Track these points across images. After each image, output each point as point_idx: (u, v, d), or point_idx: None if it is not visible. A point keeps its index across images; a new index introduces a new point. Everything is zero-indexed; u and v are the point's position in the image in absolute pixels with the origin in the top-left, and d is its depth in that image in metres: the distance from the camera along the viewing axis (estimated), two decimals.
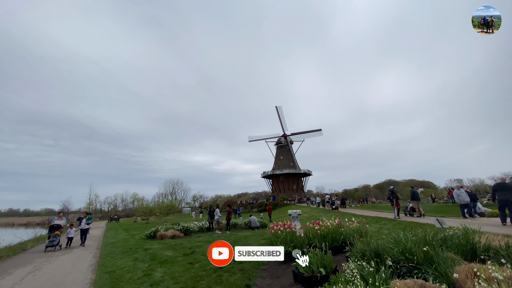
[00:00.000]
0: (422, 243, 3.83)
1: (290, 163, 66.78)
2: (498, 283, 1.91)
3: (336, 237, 6.34)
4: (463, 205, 11.54)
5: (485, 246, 3.71)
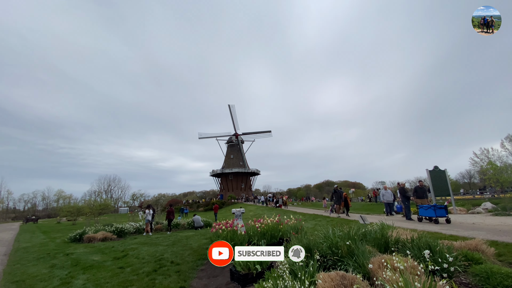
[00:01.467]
0: (346, 238, 4.23)
1: (240, 162, 67.33)
2: (400, 272, 2.20)
3: (275, 234, 6.59)
4: (387, 204, 13.28)
5: (396, 240, 4.30)
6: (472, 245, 4.28)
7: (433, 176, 12.64)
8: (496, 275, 2.94)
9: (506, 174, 22.34)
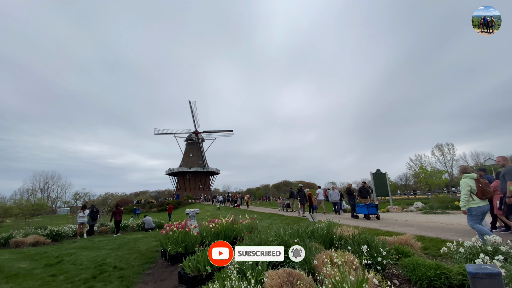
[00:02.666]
0: (296, 236, 4.38)
1: (199, 161, 65.62)
2: (338, 266, 2.33)
3: (229, 233, 6.53)
4: (334, 203, 14.23)
5: (339, 236, 4.59)
6: (403, 240, 4.80)
7: (376, 178, 13.97)
8: (421, 267, 3.32)
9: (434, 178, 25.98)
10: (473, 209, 4.83)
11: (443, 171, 34.23)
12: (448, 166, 40.92)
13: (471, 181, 4.88)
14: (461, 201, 5.01)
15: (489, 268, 1.60)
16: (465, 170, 5.12)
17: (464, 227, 7.63)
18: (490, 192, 4.77)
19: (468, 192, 4.85)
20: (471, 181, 4.88)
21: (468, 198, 4.87)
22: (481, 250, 3.45)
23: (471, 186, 4.83)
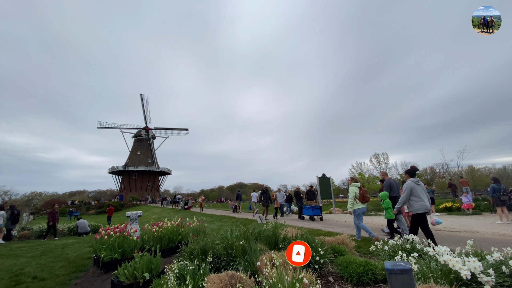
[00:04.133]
0: (242, 238, 4.38)
1: (148, 160, 61.41)
2: (276, 267, 2.39)
3: (174, 237, 6.21)
4: (281, 205, 14.68)
5: (284, 237, 4.74)
6: (340, 239, 5.20)
7: (321, 181, 14.98)
8: (352, 264, 3.62)
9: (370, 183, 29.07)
10: (357, 210, 6.25)
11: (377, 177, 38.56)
12: None
13: (356, 188, 6.35)
14: (348, 204, 6.40)
15: (402, 264, 1.81)
16: (353, 180, 6.60)
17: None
18: (368, 197, 6.28)
19: (353, 197, 6.26)
20: (356, 188, 6.35)
21: (353, 202, 6.27)
22: (401, 248, 3.93)
23: (356, 192, 6.26)
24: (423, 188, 5.18)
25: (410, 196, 5.06)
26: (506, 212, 9.00)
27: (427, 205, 4.96)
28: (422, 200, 4.98)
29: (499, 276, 2.42)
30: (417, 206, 4.97)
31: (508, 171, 47.90)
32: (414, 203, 5.02)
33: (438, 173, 41.31)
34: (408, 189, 5.07)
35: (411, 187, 5.07)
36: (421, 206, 4.94)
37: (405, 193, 5.10)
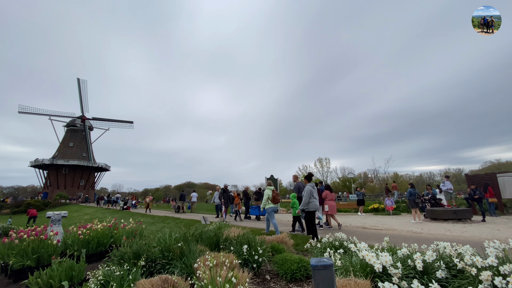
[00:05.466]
0: (182, 240, 4.20)
1: (82, 153, 54.55)
2: (210, 268, 2.34)
3: (104, 240, 5.60)
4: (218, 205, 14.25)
5: (226, 238, 4.72)
6: (280, 238, 5.41)
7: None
8: (287, 262, 3.79)
9: None
10: (268, 208, 7.58)
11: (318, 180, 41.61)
12: (324, 176, 50.23)
13: (270, 191, 7.74)
14: (262, 203, 7.78)
15: (325, 260, 1.95)
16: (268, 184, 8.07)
17: (332, 226, 9.44)
18: (279, 199, 7.81)
19: (267, 198, 7.63)
20: (270, 191, 7.74)
21: (267, 202, 7.62)
22: (332, 245, 4.29)
23: (269, 194, 7.65)
24: (316, 191, 6.55)
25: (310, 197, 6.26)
26: (418, 213, 10.66)
27: (318, 205, 6.48)
28: (316, 201, 6.35)
29: (405, 268, 2.82)
30: (312, 206, 6.24)
31: (423, 178, 57.11)
32: (310, 203, 6.26)
33: (369, 178, 46.81)
34: (309, 192, 6.26)
35: (310, 190, 6.30)
36: (314, 205, 6.29)
37: (306, 195, 6.26)
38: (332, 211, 9.08)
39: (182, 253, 3.91)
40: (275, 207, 7.70)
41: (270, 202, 7.61)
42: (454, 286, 2.60)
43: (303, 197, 6.30)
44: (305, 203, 6.24)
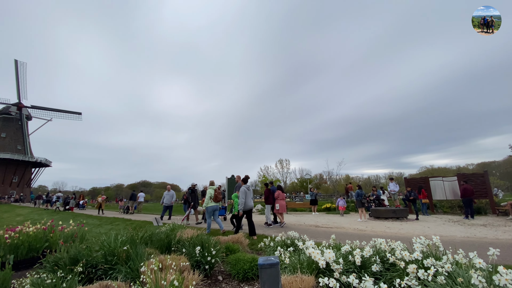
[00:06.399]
0: (128, 242, 3.93)
1: (17, 146, 47.70)
2: (155, 272, 2.24)
3: (37, 245, 4.95)
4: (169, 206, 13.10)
5: (178, 240, 4.55)
6: (235, 238, 5.42)
7: (229, 182, 15.41)
8: (240, 262, 3.81)
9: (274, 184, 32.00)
10: (209, 207, 7.74)
11: (279, 180, 42.90)
12: (284, 177, 51.91)
13: (212, 190, 7.85)
14: (204, 202, 7.88)
15: (272, 259, 2.02)
16: (210, 183, 8.19)
17: (287, 224, 9.76)
18: (220, 198, 7.96)
19: (209, 197, 7.76)
20: (212, 190, 7.85)
21: (209, 201, 7.73)
22: (284, 244, 4.44)
23: (211, 193, 7.78)
24: (251, 192, 7.24)
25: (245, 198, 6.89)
26: (364, 212, 11.64)
27: (252, 205, 7.13)
28: (251, 201, 7.07)
29: (346, 264, 3.05)
30: (247, 205, 6.93)
31: (371, 180, 62.63)
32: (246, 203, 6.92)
33: (324, 179, 49.73)
34: (244, 193, 6.92)
35: (245, 192, 6.95)
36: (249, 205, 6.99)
37: (241, 196, 6.88)
38: (282, 210, 9.64)
39: (128, 257, 3.66)
40: (215, 205, 7.86)
41: (212, 201, 7.76)
42: (387, 278, 2.90)
43: (239, 198, 6.95)
44: (241, 203, 6.82)
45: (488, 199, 12.28)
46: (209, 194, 7.78)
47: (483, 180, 12.47)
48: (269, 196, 9.78)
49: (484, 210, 12.19)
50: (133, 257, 3.51)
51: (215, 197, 7.77)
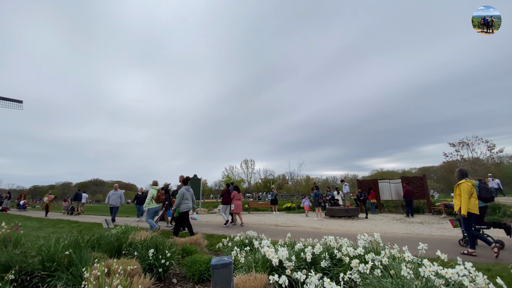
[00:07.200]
0: (73, 246, 3.60)
1: None
2: (98, 277, 2.10)
3: None
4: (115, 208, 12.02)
5: (130, 242, 4.31)
6: (193, 239, 5.31)
7: (191, 182, 15.03)
8: (196, 263, 3.75)
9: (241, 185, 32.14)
10: (150, 209, 7.41)
11: (242, 180, 43.16)
12: (249, 177, 52.38)
13: (155, 191, 7.58)
14: (144, 204, 7.52)
15: (225, 259, 2.04)
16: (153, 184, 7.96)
17: (244, 224, 9.85)
18: (163, 199, 7.65)
19: (151, 198, 7.46)
20: (155, 191, 7.58)
21: (150, 202, 7.45)
22: (242, 243, 4.50)
23: (153, 194, 7.46)
24: (192, 193, 7.02)
25: (182, 199, 6.69)
26: (321, 211, 12.33)
27: (191, 206, 6.84)
28: (189, 202, 6.82)
29: (298, 261, 3.21)
30: (184, 207, 6.68)
31: (329, 181, 66.44)
32: (183, 205, 6.70)
33: (286, 180, 51.41)
34: (181, 194, 6.69)
35: (183, 193, 6.74)
36: (187, 206, 6.74)
37: (179, 197, 6.67)
38: (237, 210, 9.82)
39: (71, 263, 3.35)
40: (157, 207, 7.59)
41: (154, 202, 7.48)
42: (334, 273, 3.13)
43: (177, 199, 6.76)
44: (177, 204, 6.67)
45: (426, 200, 13.94)
46: (151, 194, 7.47)
47: (422, 182, 14.10)
48: (224, 196, 9.85)
49: (422, 209, 13.79)
50: (76, 263, 3.23)
51: (157, 198, 7.48)
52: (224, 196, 9.82)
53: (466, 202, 4.90)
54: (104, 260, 3.72)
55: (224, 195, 9.84)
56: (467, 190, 4.95)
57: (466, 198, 4.91)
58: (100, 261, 2.87)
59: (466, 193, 4.93)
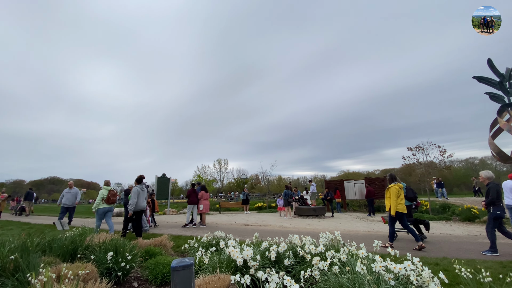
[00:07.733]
0: (20, 250, 3.28)
1: None
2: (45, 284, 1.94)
3: None
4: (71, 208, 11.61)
5: (87, 245, 4.03)
6: (158, 241, 5.13)
7: (160, 181, 14.49)
8: (160, 265, 3.62)
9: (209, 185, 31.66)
10: (100, 209, 7.22)
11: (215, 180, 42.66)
12: (222, 177, 51.86)
13: (106, 191, 7.30)
14: (94, 204, 7.28)
15: (186, 261, 2.00)
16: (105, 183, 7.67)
17: (214, 224, 9.74)
18: (114, 199, 7.42)
19: (101, 198, 7.25)
20: (106, 191, 7.30)
21: (100, 202, 7.23)
22: (209, 244, 4.44)
23: (103, 194, 7.27)
24: (145, 192, 7.07)
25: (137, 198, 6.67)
26: (290, 210, 12.63)
27: (144, 205, 6.92)
28: (142, 202, 6.86)
29: (263, 260, 3.26)
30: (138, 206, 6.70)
31: (299, 181, 68.34)
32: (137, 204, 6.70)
33: (259, 179, 51.83)
34: (136, 193, 6.68)
35: (138, 192, 6.74)
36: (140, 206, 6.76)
37: (133, 196, 6.64)
38: (205, 210, 9.79)
39: (17, 268, 3.05)
40: (107, 207, 7.34)
41: (104, 203, 7.25)
42: (297, 270, 3.22)
43: (131, 198, 6.70)
44: (133, 203, 6.57)
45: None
46: (101, 195, 7.29)
47: (383, 183, 15.11)
48: (190, 196, 9.70)
49: (383, 209, 14.80)
50: (23, 268, 2.95)
51: (107, 199, 7.25)
52: (191, 196, 9.65)
53: (394, 204, 5.66)
54: (56, 264, 3.44)
55: (191, 195, 9.66)
56: (395, 193, 5.73)
57: (395, 200, 5.67)
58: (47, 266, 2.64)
59: (394, 196, 5.70)
